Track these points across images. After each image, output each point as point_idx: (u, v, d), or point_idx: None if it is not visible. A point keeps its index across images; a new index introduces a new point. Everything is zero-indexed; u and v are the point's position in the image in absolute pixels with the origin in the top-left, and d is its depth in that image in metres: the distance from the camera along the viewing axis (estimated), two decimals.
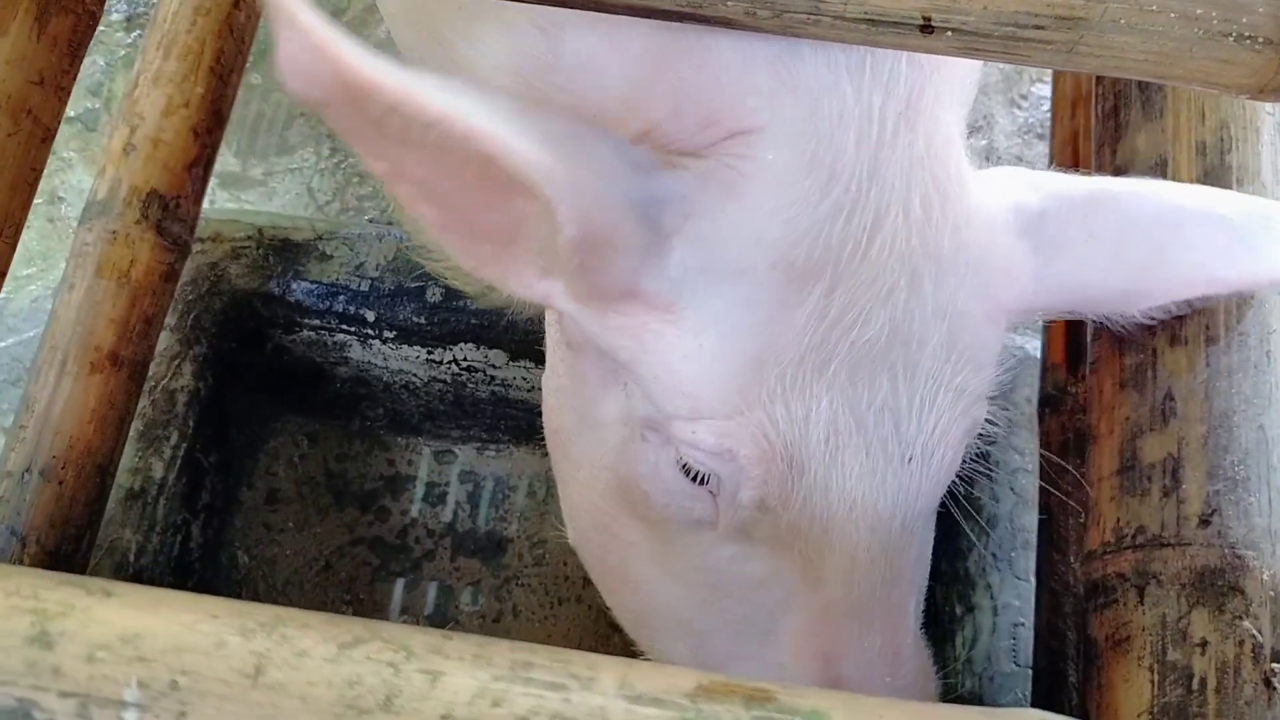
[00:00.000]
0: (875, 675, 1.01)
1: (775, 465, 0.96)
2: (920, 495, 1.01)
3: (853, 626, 1.01)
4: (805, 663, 1.01)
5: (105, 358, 1.66)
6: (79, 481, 1.62)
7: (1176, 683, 1.10)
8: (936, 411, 0.99)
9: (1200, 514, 1.14)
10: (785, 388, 0.94)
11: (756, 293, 0.94)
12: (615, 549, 1.16)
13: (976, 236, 1.02)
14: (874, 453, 0.97)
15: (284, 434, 2.13)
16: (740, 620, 1.05)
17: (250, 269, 1.95)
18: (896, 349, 0.97)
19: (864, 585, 1.00)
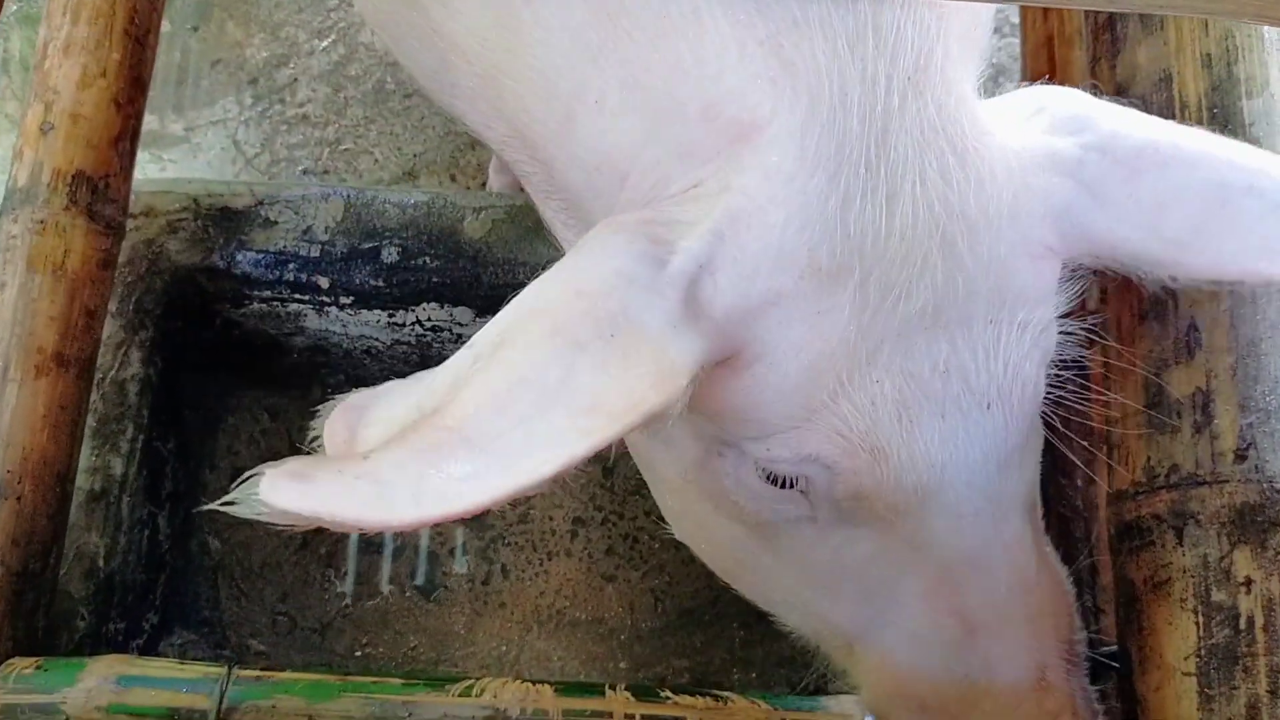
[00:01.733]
0: (1010, 613, 1.02)
1: (859, 457, 0.96)
2: (1010, 433, 1.00)
3: (975, 575, 1.02)
4: (938, 623, 1.02)
5: (50, 359, 1.55)
6: (39, 494, 1.52)
7: (1223, 623, 1.08)
8: (1004, 352, 0.98)
9: (1235, 449, 1.11)
10: (844, 384, 0.94)
11: (792, 310, 0.93)
12: (724, 547, 1.18)
13: (1006, 186, 0.98)
14: (950, 413, 0.96)
15: (242, 411, 2.03)
16: (862, 594, 1.07)
17: (190, 243, 1.83)
18: (946, 312, 0.95)
19: (975, 534, 1.00)
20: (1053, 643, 1.05)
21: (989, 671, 1.02)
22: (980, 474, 0.99)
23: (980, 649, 1.02)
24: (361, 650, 1.95)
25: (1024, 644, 1.03)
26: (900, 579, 1.04)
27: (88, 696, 1.39)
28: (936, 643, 1.03)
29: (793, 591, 1.15)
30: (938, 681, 1.03)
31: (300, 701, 1.39)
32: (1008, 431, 1.00)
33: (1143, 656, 1.15)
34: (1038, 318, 1.00)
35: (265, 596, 1.97)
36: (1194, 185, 0.99)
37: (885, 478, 0.96)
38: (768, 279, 0.91)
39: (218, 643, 1.93)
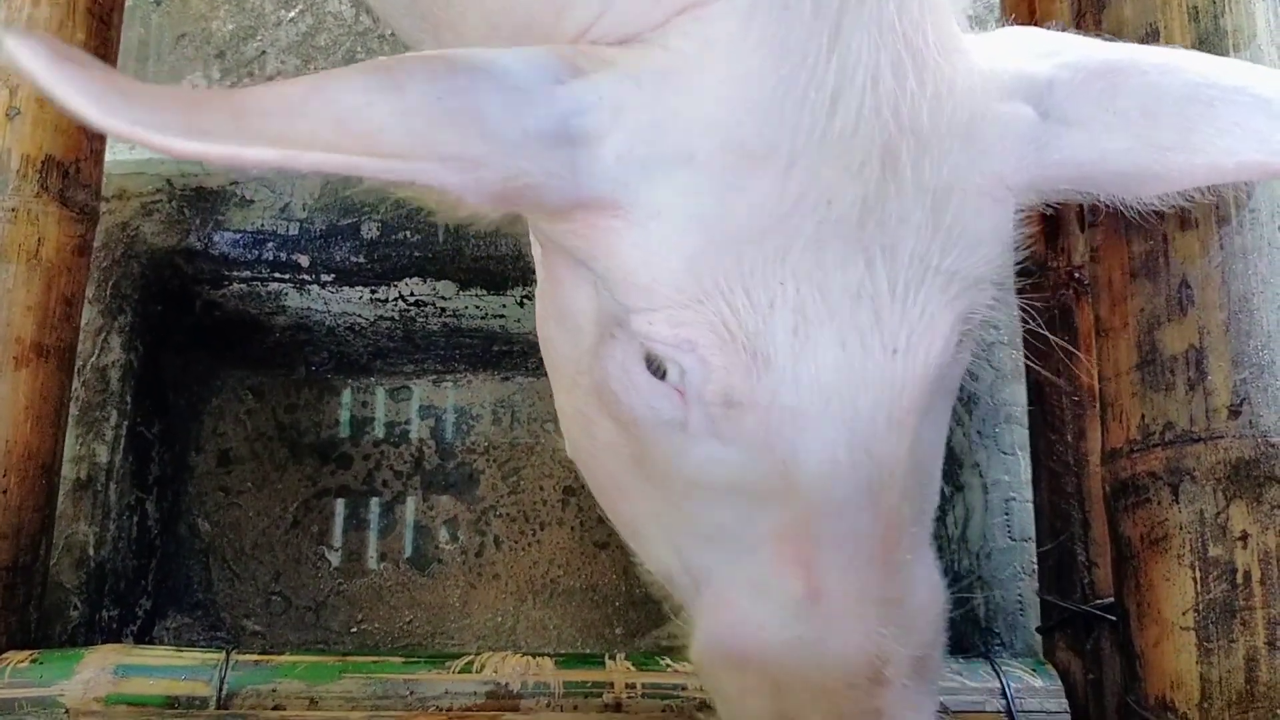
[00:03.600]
0: (863, 589, 0.89)
1: (738, 356, 0.88)
2: (908, 390, 0.90)
3: (836, 534, 0.89)
4: (783, 573, 0.90)
5: (29, 349, 1.53)
6: (25, 486, 1.50)
7: (1220, 578, 1.09)
8: (923, 297, 0.89)
9: (1229, 405, 1.11)
10: (744, 274, 0.87)
11: (704, 178, 0.87)
12: (599, 456, 1.10)
13: (966, 106, 0.92)
14: (851, 344, 0.88)
15: (226, 392, 2.01)
16: (718, 528, 0.97)
17: (166, 225, 1.80)
18: (871, 229, 0.88)
19: (847, 489, 0.89)
20: (904, 644, 0.91)
21: (822, 643, 0.89)
22: (867, 424, 0.89)
23: (820, 615, 0.90)
24: (357, 626, 1.95)
25: (868, 628, 0.89)
26: (756, 516, 0.93)
27: (86, 688, 1.39)
28: (777, 596, 0.91)
29: (653, 516, 1.05)
30: (767, 640, 0.91)
31: (301, 684, 1.39)
32: (907, 386, 0.90)
33: (1141, 612, 1.16)
34: (968, 269, 0.92)
35: (258, 577, 1.96)
36: (1178, 90, 0.94)
37: (762, 390, 0.88)
38: (683, 138, 0.88)
39: (212, 625, 1.92)
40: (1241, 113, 0.94)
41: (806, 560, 0.89)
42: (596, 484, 1.16)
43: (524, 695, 1.39)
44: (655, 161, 0.88)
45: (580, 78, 0.89)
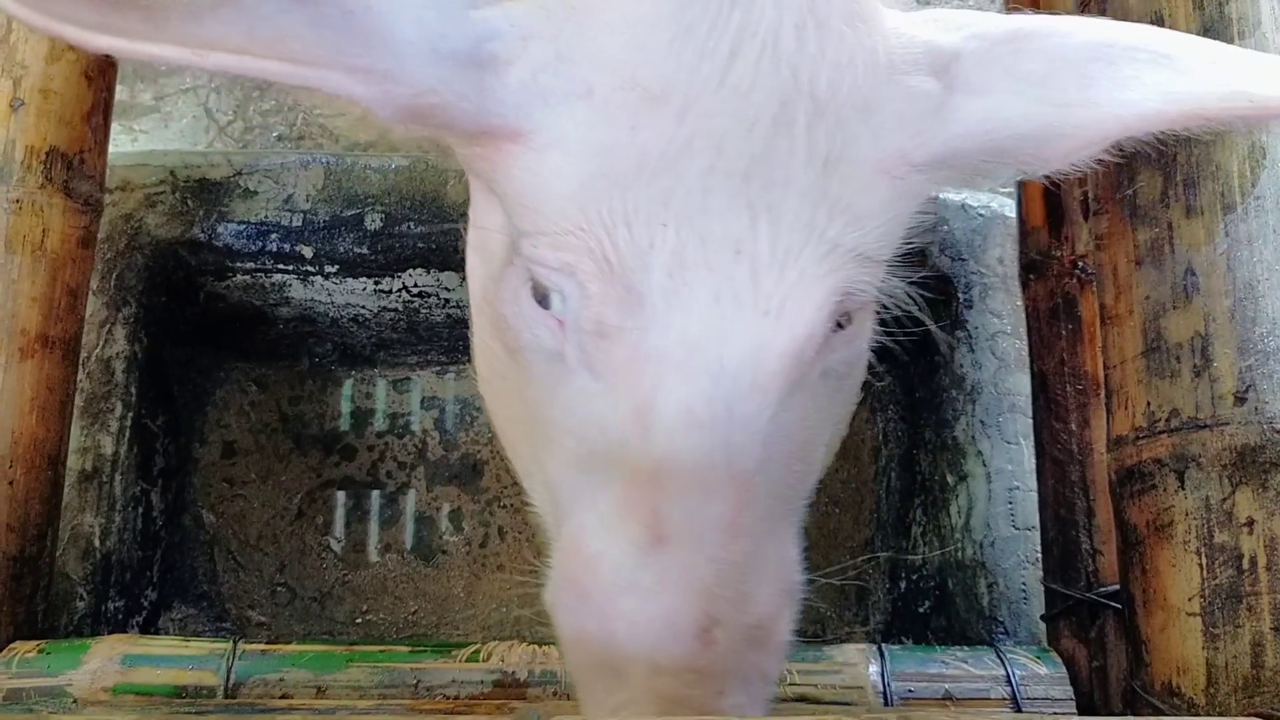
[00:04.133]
0: (704, 545, 0.89)
1: (614, 288, 0.89)
2: (776, 354, 0.90)
3: (686, 486, 0.89)
4: (627, 517, 0.90)
5: (35, 340, 1.52)
6: (31, 477, 1.50)
7: (1226, 564, 1.09)
8: (802, 263, 0.90)
9: (1235, 391, 1.11)
10: (628, 210, 0.89)
11: (600, 113, 0.90)
12: (496, 386, 1.13)
13: (868, 78, 0.93)
14: (724, 298, 0.89)
15: (230, 383, 2.01)
16: (581, 465, 0.97)
17: (169, 216, 1.80)
18: (758, 186, 0.89)
19: (702, 442, 0.89)
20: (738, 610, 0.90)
21: (657, 590, 0.88)
22: (730, 380, 0.89)
23: (658, 564, 0.89)
24: (362, 617, 1.96)
25: (702, 584, 0.88)
26: (615, 457, 0.92)
27: (93, 678, 1.39)
28: (621, 540, 0.90)
29: (530, 446, 1.07)
30: (606, 582, 0.90)
31: (307, 674, 1.40)
32: (774, 349, 0.91)
33: (1147, 599, 1.16)
34: (850, 241, 0.92)
35: (263, 568, 1.97)
36: (1079, 50, 0.95)
37: (633, 326, 0.89)
38: (585, 72, 0.91)
39: (218, 616, 1.93)
40: (1141, 67, 0.95)
41: (653, 507, 0.89)
42: (495, 416, 1.20)
43: (531, 684, 1.40)
44: (556, 92, 0.91)
45: (494, 2, 0.92)
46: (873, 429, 2.08)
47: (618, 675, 0.90)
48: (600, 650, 0.91)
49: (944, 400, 1.87)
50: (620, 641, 0.89)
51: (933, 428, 1.91)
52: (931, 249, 1.89)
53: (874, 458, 2.08)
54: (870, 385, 1.87)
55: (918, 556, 1.90)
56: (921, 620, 1.90)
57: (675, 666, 0.88)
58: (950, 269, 1.89)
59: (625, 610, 0.89)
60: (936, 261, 1.89)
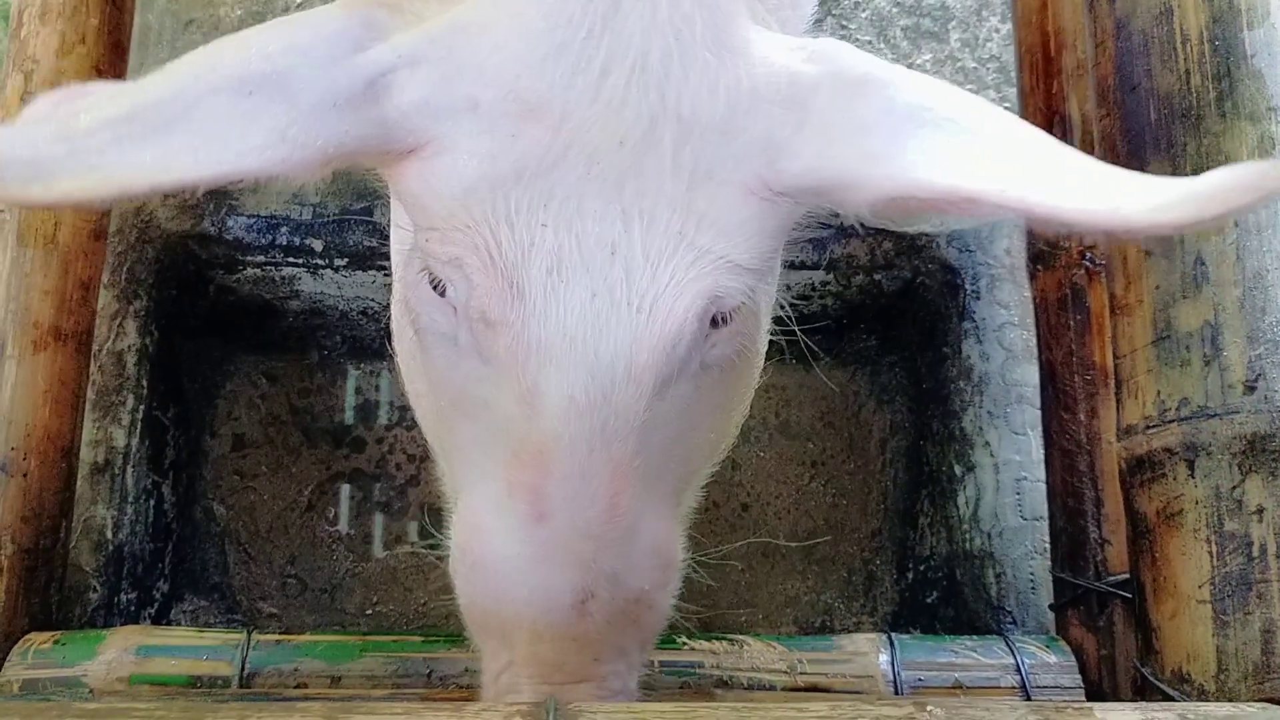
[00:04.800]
0: (582, 522, 0.97)
1: (497, 281, 0.96)
2: (647, 349, 0.97)
3: (567, 467, 0.97)
4: (515, 494, 0.98)
5: (47, 333, 1.54)
6: (45, 470, 1.51)
7: (1236, 552, 1.10)
8: (672, 266, 0.97)
9: (1245, 380, 1.12)
10: (509, 211, 0.96)
11: (485, 123, 0.97)
12: (409, 368, 1.22)
13: (732, 105, 0.99)
14: (600, 295, 0.96)
15: (240, 376, 2.02)
16: (474, 444, 1.06)
17: (179, 210, 1.81)
18: (630, 194, 0.96)
19: (582, 427, 0.96)
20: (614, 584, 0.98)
21: (538, 562, 0.97)
22: (606, 370, 0.97)
23: (539, 538, 0.97)
24: (372, 609, 1.97)
25: (582, 558, 0.97)
26: (503, 437, 1.00)
27: (109, 668, 1.40)
28: (508, 515, 0.98)
29: (433, 425, 1.16)
30: (494, 554, 0.98)
31: (322, 664, 1.41)
32: (647, 343, 0.97)
33: (1157, 587, 1.17)
34: (719, 249, 0.98)
35: (274, 560, 1.98)
36: (904, 107, 0.98)
37: (514, 315, 0.96)
38: (469, 86, 0.97)
39: (229, 608, 1.94)
40: (950, 137, 0.97)
41: (537, 486, 0.97)
42: (409, 393, 1.29)
43: None
44: (445, 108, 0.97)
45: (380, 40, 0.98)
46: (880, 421, 2.09)
47: (506, 640, 1.01)
48: (490, 617, 1.01)
49: (951, 391, 1.88)
50: (505, 610, 0.99)
51: (940, 419, 1.92)
52: (939, 240, 1.90)
53: (881, 449, 2.08)
54: (872, 370, 1.88)
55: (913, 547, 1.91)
56: (929, 611, 1.90)
57: (553, 634, 0.97)
58: (957, 260, 1.90)
59: (510, 580, 0.98)
60: (944, 253, 1.90)
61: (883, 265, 1.93)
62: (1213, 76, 1.17)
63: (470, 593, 1.03)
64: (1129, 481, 1.22)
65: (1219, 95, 1.17)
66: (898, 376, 2.09)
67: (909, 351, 2.05)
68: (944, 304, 1.92)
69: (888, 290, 1.96)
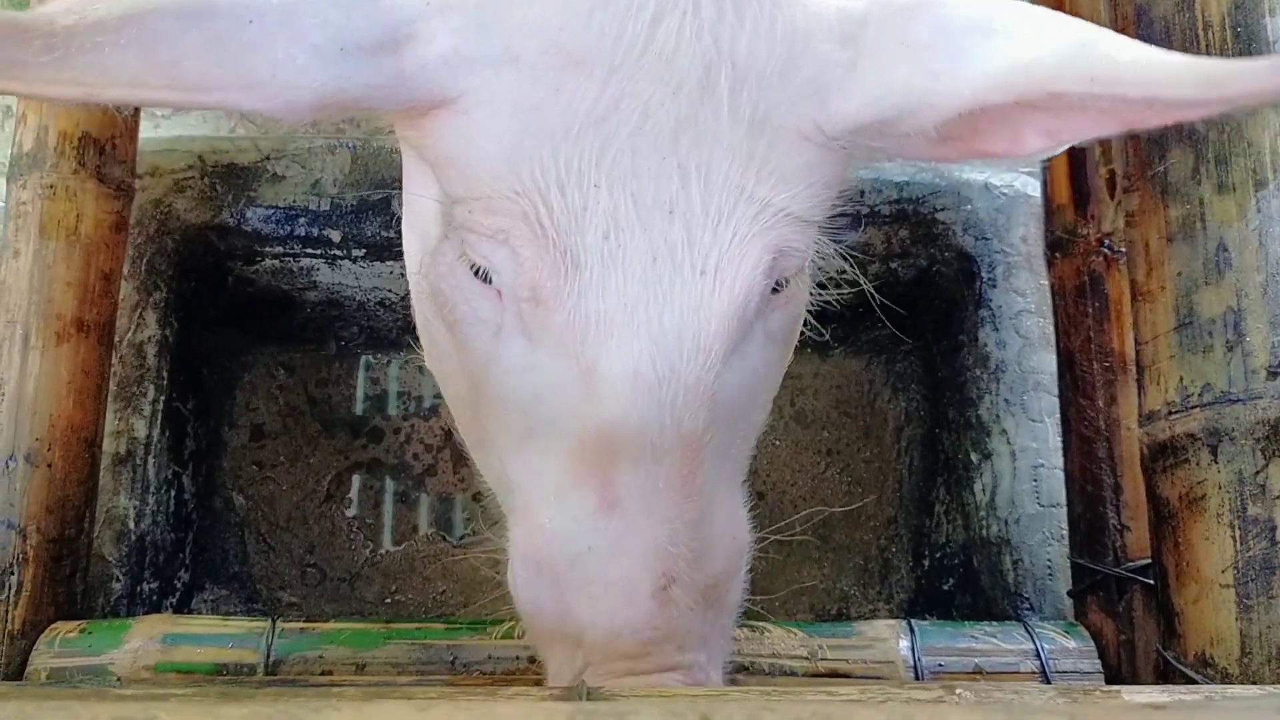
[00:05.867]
0: (656, 506, 0.89)
1: (548, 252, 0.91)
2: (715, 315, 0.92)
3: (634, 449, 0.90)
4: (580, 484, 0.91)
5: (70, 324, 1.54)
6: (68, 460, 1.52)
7: (1260, 536, 1.10)
8: (734, 222, 0.92)
9: (1268, 366, 1.12)
10: (560, 171, 0.90)
11: (527, 77, 0.91)
12: (442, 363, 1.13)
13: (785, 46, 0.95)
14: (661, 258, 0.91)
15: (258, 367, 2.03)
16: (527, 437, 0.97)
17: (198, 201, 1.81)
18: (686, 146, 0.91)
19: (648, 404, 0.90)
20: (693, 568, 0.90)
21: (609, 556, 0.89)
22: (672, 341, 0.90)
23: (610, 528, 0.89)
24: (391, 598, 1.98)
25: (656, 544, 0.89)
26: (560, 424, 0.93)
27: (135, 657, 1.41)
28: (573, 507, 0.91)
29: (475, 422, 1.07)
30: (562, 550, 0.90)
31: (347, 651, 1.42)
32: (715, 309, 0.92)
33: (1179, 571, 1.17)
34: (780, 201, 0.94)
35: (293, 549, 1.99)
36: (955, 22, 0.95)
37: (569, 289, 0.90)
38: (508, 38, 0.91)
39: (249, 597, 1.95)
40: (1014, 44, 0.94)
41: (604, 473, 0.90)
42: (445, 393, 1.19)
43: None
44: (480, 60, 0.92)
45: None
46: (895, 409, 2.09)
47: (578, 646, 0.91)
48: (563, 620, 0.92)
49: (968, 379, 1.88)
50: (577, 611, 0.90)
51: (956, 407, 1.92)
52: (955, 228, 1.90)
53: (896, 437, 2.09)
54: (888, 358, 1.87)
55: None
56: (946, 598, 1.91)
57: (634, 628, 0.89)
58: (974, 248, 1.90)
59: (580, 579, 0.90)
60: (960, 241, 1.90)
61: (899, 253, 1.94)
62: None
63: (537, 599, 0.94)
64: (1151, 467, 1.22)
65: None
66: (914, 365, 2.09)
67: (925, 340, 2.05)
68: (960, 292, 1.92)
69: (904, 278, 1.96)
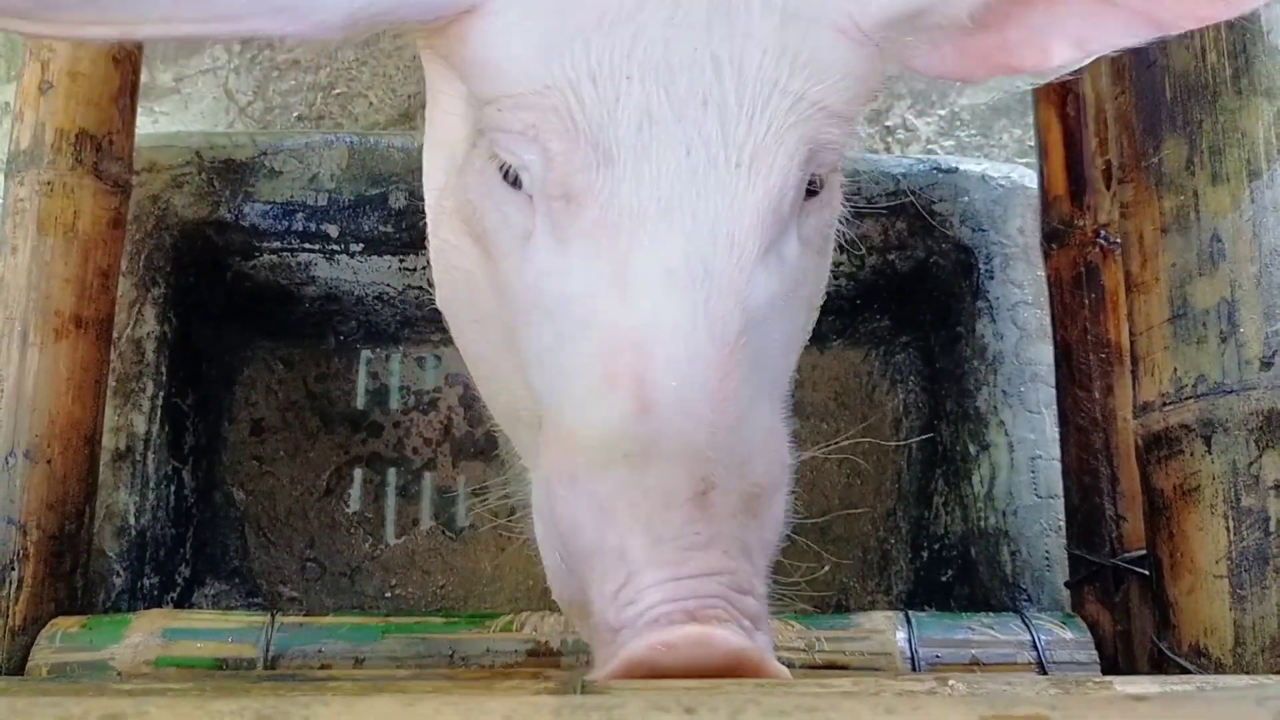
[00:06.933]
0: (693, 409, 0.86)
1: (580, 147, 0.90)
2: (750, 208, 0.90)
3: (669, 350, 0.87)
4: (610, 388, 0.87)
5: (68, 321, 1.55)
6: (68, 456, 1.52)
7: (1253, 526, 1.11)
8: (769, 114, 0.91)
9: (1261, 356, 1.13)
10: (591, 63, 0.90)
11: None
12: (459, 287, 1.11)
13: None
14: (696, 151, 0.89)
15: (257, 362, 2.03)
16: (558, 345, 0.94)
17: (196, 197, 1.82)
18: (719, 38, 0.90)
19: (683, 303, 0.87)
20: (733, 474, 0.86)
21: (648, 457, 0.84)
22: (707, 237, 0.89)
23: (648, 430, 0.85)
24: (391, 591, 1.98)
25: (695, 449, 0.84)
26: (591, 327, 0.90)
27: (135, 651, 1.42)
28: (607, 412, 0.87)
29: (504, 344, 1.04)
30: (596, 456, 0.86)
31: (345, 645, 1.42)
32: (750, 203, 0.90)
33: (1174, 562, 1.18)
34: (814, 94, 0.92)
35: (293, 544, 2.00)
36: None
37: (603, 185, 0.89)
38: None
39: (250, 591, 1.95)
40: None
41: (638, 374, 0.87)
42: (457, 324, 1.18)
43: (564, 653, 1.42)
44: None
45: None
46: (894, 400, 2.10)
47: (619, 556, 0.85)
48: (601, 531, 0.86)
49: (966, 371, 1.89)
50: (616, 517, 0.85)
51: (954, 398, 1.92)
52: (952, 220, 1.90)
53: (895, 429, 2.09)
54: (886, 350, 1.87)
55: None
56: (944, 589, 1.91)
57: (674, 533, 0.84)
58: (971, 240, 1.90)
59: (617, 484, 0.85)
60: (957, 232, 1.90)
61: (896, 245, 1.94)
62: (1229, 53, 1.18)
63: (575, 516, 0.87)
64: (1146, 458, 1.22)
65: (1235, 72, 1.17)
66: (911, 356, 2.09)
67: (923, 331, 2.05)
68: (958, 283, 1.93)
69: (901, 270, 1.96)
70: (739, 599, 0.83)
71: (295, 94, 2.37)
